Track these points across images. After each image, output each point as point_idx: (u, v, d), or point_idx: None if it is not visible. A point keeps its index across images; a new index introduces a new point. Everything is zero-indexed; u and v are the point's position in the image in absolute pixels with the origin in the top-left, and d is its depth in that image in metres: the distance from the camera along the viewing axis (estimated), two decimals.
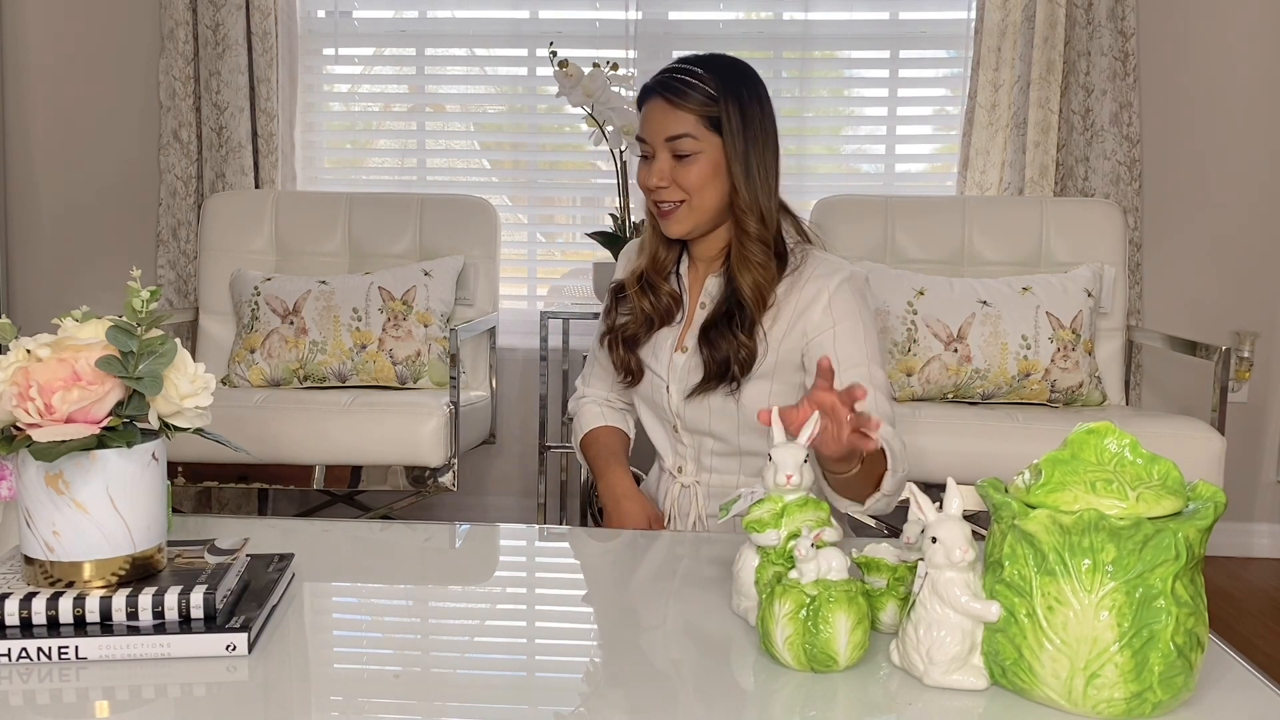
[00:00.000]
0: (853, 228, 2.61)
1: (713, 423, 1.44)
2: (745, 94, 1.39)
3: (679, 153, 1.37)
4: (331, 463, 2.23)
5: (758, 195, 1.39)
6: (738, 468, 1.46)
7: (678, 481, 1.49)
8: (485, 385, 2.70)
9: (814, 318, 1.38)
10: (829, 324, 1.37)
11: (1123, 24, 2.70)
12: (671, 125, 1.37)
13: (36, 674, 0.87)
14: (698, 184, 1.37)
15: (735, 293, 1.40)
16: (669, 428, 1.49)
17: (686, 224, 1.40)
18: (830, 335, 1.37)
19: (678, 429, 1.48)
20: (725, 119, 1.37)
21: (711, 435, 1.45)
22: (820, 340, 1.38)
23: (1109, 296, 2.51)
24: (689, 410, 1.45)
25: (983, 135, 2.79)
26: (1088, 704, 0.79)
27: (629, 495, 1.47)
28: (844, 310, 1.38)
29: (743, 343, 1.38)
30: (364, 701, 0.85)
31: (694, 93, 1.36)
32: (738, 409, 1.41)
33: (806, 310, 1.39)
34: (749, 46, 2.98)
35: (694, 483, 1.48)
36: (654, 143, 1.39)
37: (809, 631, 0.86)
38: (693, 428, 1.46)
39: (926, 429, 2.15)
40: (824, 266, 1.41)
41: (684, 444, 1.48)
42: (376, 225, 2.72)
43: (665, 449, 1.51)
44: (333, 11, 3.03)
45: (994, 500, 0.85)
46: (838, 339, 1.37)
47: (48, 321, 1.01)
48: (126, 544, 0.93)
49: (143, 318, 0.95)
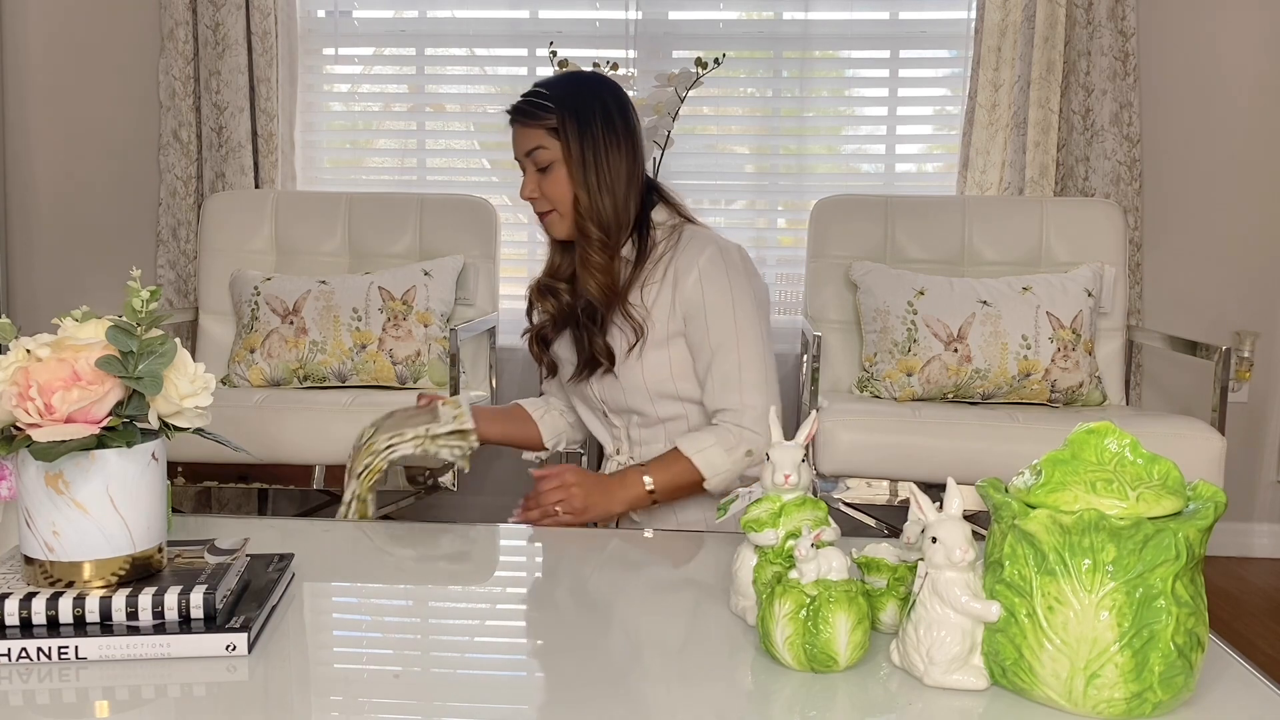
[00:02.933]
0: (853, 228, 2.62)
1: (629, 399, 1.55)
2: (583, 103, 1.50)
3: (539, 165, 1.50)
4: (331, 463, 2.23)
5: (600, 200, 1.49)
6: (663, 435, 1.56)
7: (615, 461, 1.59)
8: (485, 385, 2.70)
9: (686, 291, 1.48)
10: (699, 303, 1.48)
11: (1123, 24, 2.71)
12: (525, 141, 1.51)
13: (36, 674, 0.87)
14: (559, 193, 1.50)
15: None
16: (599, 414, 1.61)
17: (563, 227, 1.52)
18: (701, 319, 1.48)
19: (606, 414, 1.59)
20: (560, 127, 1.49)
21: (632, 410, 1.56)
22: (696, 328, 1.49)
23: (1109, 296, 2.51)
24: (605, 393, 1.56)
25: (983, 135, 2.79)
26: (1088, 704, 0.79)
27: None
28: (713, 286, 1.47)
29: (596, 336, 1.51)
30: (364, 701, 0.85)
31: (535, 110, 1.50)
32: (644, 382, 1.52)
33: (679, 282, 1.49)
34: (749, 46, 2.98)
35: (629, 459, 1.57)
36: (519, 160, 1.53)
37: (809, 631, 0.86)
38: (616, 408, 1.58)
39: (926, 429, 2.15)
40: (697, 242, 1.51)
41: (615, 425, 1.60)
42: (376, 225, 2.72)
43: (603, 436, 1.62)
44: (333, 11, 3.03)
45: (994, 500, 0.85)
46: (709, 321, 1.48)
47: (48, 321, 1.01)
48: (126, 544, 0.93)
49: (143, 318, 0.95)
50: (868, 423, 2.16)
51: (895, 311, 2.39)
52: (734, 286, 1.48)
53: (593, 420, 1.64)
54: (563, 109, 1.48)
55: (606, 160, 1.49)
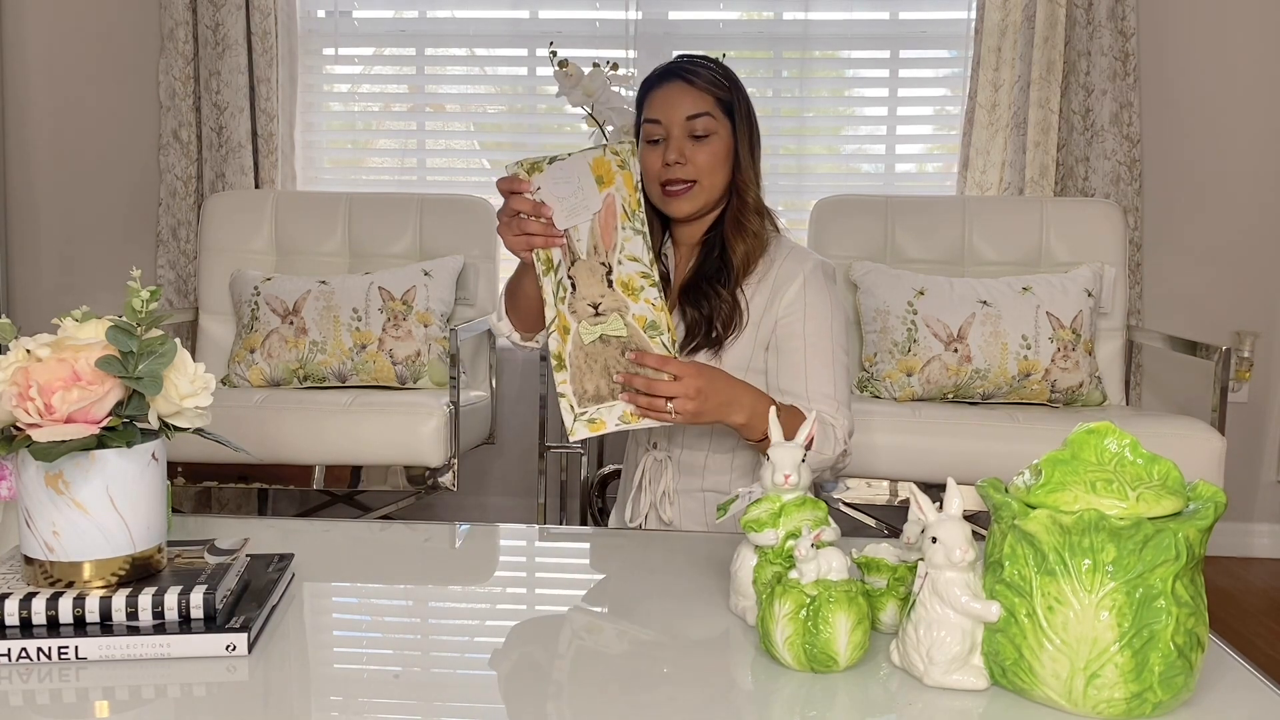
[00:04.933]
0: (853, 228, 2.61)
1: None
2: (743, 87, 1.50)
3: (695, 133, 1.43)
4: (331, 463, 2.23)
5: (757, 172, 1.50)
6: (708, 443, 1.49)
7: (651, 455, 1.53)
8: (485, 385, 2.70)
9: (788, 296, 1.45)
10: (800, 309, 1.44)
11: (1123, 24, 2.71)
12: (692, 104, 1.44)
13: (36, 674, 0.87)
14: (710, 165, 1.44)
15: (720, 257, 1.47)
16: None
17: (696, 203, 1.46)
18: (800, 322, 1.44)
19: None
20: (736, 103, 1.46)
21: None
22: (790, 322, 1.45)
23: (1109, 296, 2.51)
24: None
25: (983, 135, 2.79)
26: (1088, 704, 0.79)
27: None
28: (816, 298, 1.45)
29: (724, 298, 1.44)
30: (364, 701, 0.85)
31: (710, 77, 1.46)
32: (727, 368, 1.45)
33: (783, 287, 1.45)
34: (749, 46, 2.98)
35: (665, 457, 1.52)
36: (671, 121, 1.44)
37: (809, 631, 0.86)
38: None
39: (927, 429, 2.15)
40: (799, 252, 1.49)
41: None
42: (376, 225, 2.72)
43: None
44: (333, 11, 3.03)
45: (994, 500, 0.85)
46: (809, 323, 1.44)
47: (48, 321, 1.01)
48: (126, 544, 0.93)
49: (143, 318, 0.95)
50: (868, 423, 2.16)
51: (895, 311, 2.39)
52: (834, 303, 1.47)
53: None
54: (734, 86, 1.47)
55: (758, 148, 1.50)
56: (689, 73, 1.45)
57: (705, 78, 1.45)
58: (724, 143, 1.45)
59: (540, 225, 1.29)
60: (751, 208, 1.47)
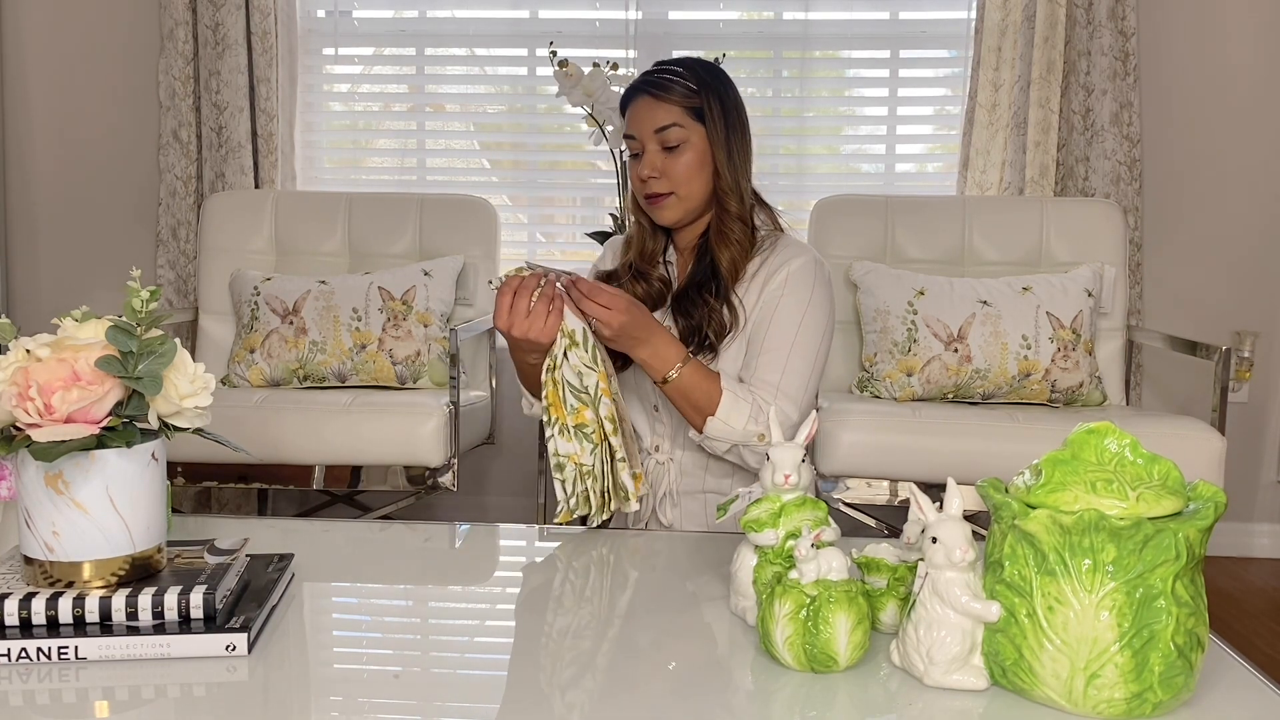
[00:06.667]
0: (853, 228, 2.61)
1: None
2: (721, 87, 1.49)
3: (667, 144, 1.46)
4: (331, 463, 2.23)
5: (738, 178, 1.49)
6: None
7: (653, 458, 1.54)
8: (485, 385, 2.70)
9: (770, 290, 1.47)
10: (775, 302, 1.46)
11: (1123, 24, 2.70)
12: (659, 117, 1.45)
13: (36, 674, 0.86)
14: (685, 175, 1.46)
15: (711, 265, 1.49)
16: (649, 407, 1.55)
17: (676, 213, 1.49)
18: (771, 313, 1.45)
19: (658, 408, 1.53)
20: (707, 108, 1.46)
21: None
22: (763, 313, 1.46)
23: (1109, 296, 2.51)
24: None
25: (983, 135, 2.79)
26: (1088, 704, 0.79)
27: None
28: (795, 287, 1.46)
29: (714, 308, 1.46)
30: (364, 701, 0.85)
31: (677, 87, 1.46)
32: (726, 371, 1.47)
33: (769, 282, 1.47)
34: (749, 46, 2.98)
35: (668, 459, 1.53)
36: (642, 136, 1.47)
37: (809, 632, 0.86)
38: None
39: (926, 429, 2.15)
40: (793, 249, 1.51)
41: (663, 423, 1.53)
42: (376, 225, 2.72)
43: (644, 429, 1.57)
44: (333, 11, 3.03)
45: (994, 500, 0.85)
46: (778, 313, 1.45)
47: (48, 321, 1.01)
48: (126, 544, 0.93)
49: (142, 318, 0.95)
50: (868, 423, 2.16)
51: (895, 311, 2.39)
52: (813, 299, 1.46)
53: (636, 412, 1.57)
54: (706, 91, 1.46)
55: (741, 142, 1.49)
56: (655, 86, 1.47)
57: (672, 88, 1.45)
58: (697, 151, 1.46)
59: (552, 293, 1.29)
60: (734, 215, 1.48)
